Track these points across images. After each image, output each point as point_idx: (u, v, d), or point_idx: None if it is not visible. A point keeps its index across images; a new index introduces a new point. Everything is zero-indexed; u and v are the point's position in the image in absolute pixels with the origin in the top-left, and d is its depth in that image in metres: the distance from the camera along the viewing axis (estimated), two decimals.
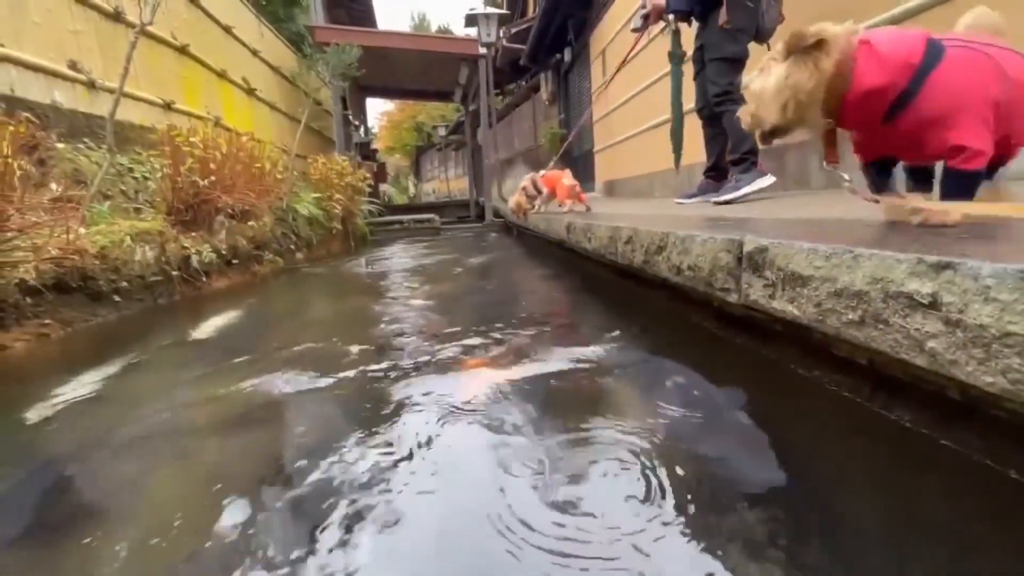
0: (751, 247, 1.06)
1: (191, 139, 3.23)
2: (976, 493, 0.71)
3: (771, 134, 1.10)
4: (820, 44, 0.95)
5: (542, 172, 4.22)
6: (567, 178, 4.00)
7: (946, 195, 0.98)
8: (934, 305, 0.65)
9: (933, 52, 0.92)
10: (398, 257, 4.81)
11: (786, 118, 1.03)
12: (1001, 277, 0.57)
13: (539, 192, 4.16)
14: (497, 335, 1.64)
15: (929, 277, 0.66)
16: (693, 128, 3.40)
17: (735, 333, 1.38)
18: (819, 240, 0.91)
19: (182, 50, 4.91)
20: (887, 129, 0.98)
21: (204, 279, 3.06)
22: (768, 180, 2.63)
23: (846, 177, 1.09)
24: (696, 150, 3.51)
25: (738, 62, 2.77)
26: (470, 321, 1.89)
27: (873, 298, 0.75)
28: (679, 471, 0.80)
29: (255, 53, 6.85)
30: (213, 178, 3.31)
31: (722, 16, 2.67)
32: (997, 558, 0.60)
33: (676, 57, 3.18)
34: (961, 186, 0.95)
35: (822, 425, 0.95)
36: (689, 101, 3.53)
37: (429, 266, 3.98)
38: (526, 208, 4.24)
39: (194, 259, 2.98)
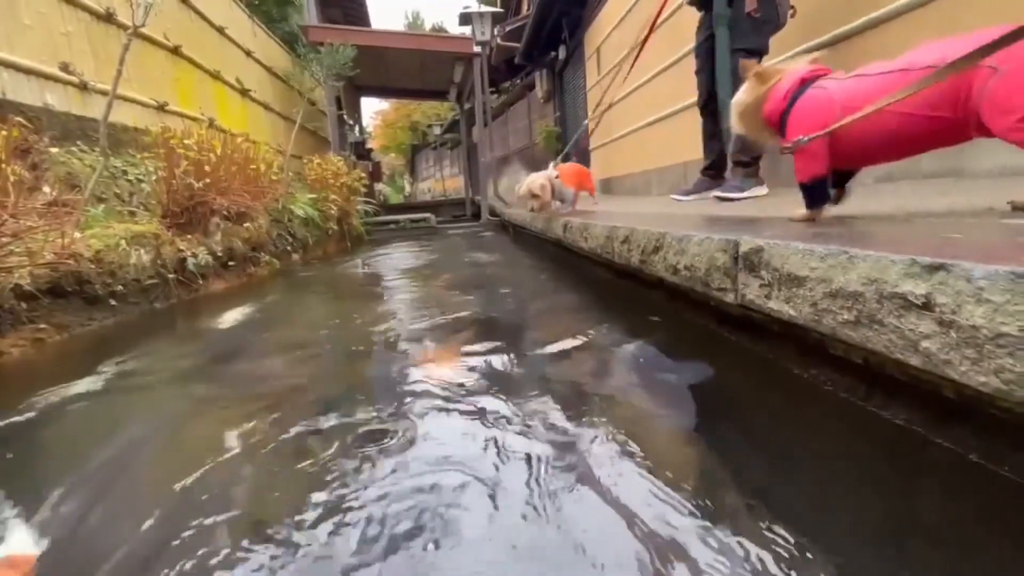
0: (747, 247, 1.07)
1: (185, 141, 3.21)
2: (972, 491, 0.71)
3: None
4: (759, 75, 1.34)
5: (555, 171, 3.31)
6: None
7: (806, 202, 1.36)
8: (928, 306, 0.66)
9: (799, 91, 1.26)
10: (394, 257, 4.81)
11: (742, 127, 1.43)
12: (993, 278, 0.58)
13: (562, 199, 3.34)
14: (494, 342, 1.64)
15: (923, 278, 0.67)
16: (693, 124, 3.40)
17: (733, 332, 1.39)
18: (815, 240, 0.92)
19: (175, 51, 4.88)
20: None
21: (200, 282, 3.05)
22: (764, 190, 2.65)
23: None
24: (694, 146, 3.51)
25: (760, 56, 2.64)
26: (467, 322, 1.90)
27: (868, 299, 0.75)
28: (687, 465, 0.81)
29: (248, 53, 6.81)
30: (208, 180, 3.30)
31: (750, 3, 2.52)
32: (992, 557, 0.60)
33: (724, 19, 2.72)
34: (806, 194, 1.34)
35: (819, 423, 0.96)
36: (690, 95, 3.53)
37: (425, 266, 3.98)
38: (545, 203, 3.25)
39: (190, 262, 2.96)
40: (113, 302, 2.36)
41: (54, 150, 3.08)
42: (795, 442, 0.90)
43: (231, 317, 2.36)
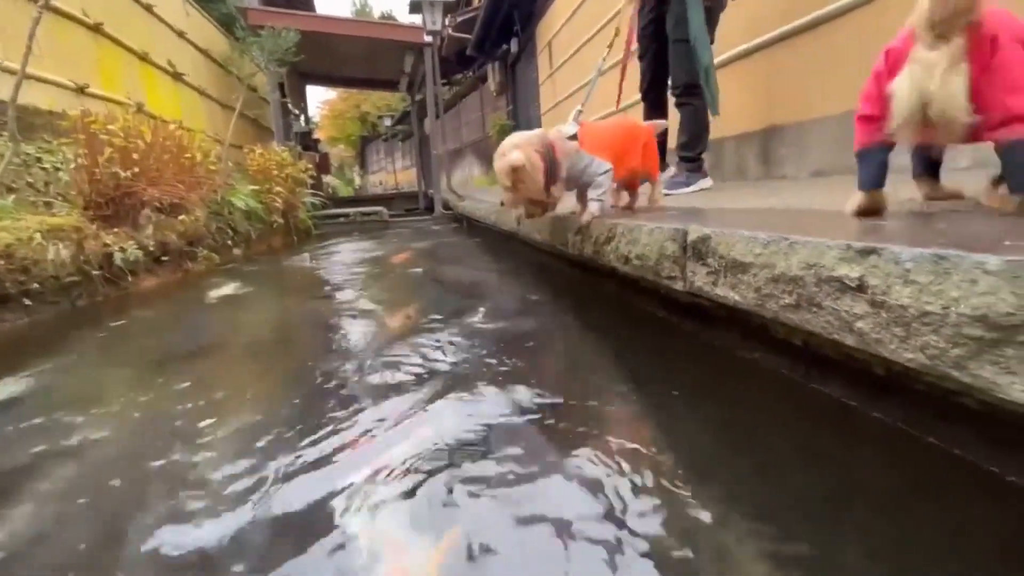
0: (695, 236, 1.10)
1: (109, 126, 2.97)
2: (901, 458, 0.77)
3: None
4: None
5: (572, 126, 1.66)
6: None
7: None
8: (861, 288, 0.70)
9: None
10: (344, 252, 4.66)
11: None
12: (919, 260, 0.62)
13: (580, 180, 1.69)
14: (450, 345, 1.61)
15: (856, 262, 0.70)
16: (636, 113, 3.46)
17: (682, 319, 1.43)
18: (758, 228, 0.95)
19: (96, 28, 4.49)
20: None
21: (130, 278, 2.84)
22: (709, 182, 2.71)
23: None
24: None
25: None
26: (420, 321, 1.86)
27: (808, 283, 0.79)
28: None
29: (181, 34, 6.37)
30: (136, 169, 3.06)
31: None
32: (919, 516, 0.65)
33: None
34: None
35: (763, 401, 1.01)
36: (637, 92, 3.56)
37: (377, 260, 3.88)
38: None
39: (117, 257, 2.75)
40: (27, 301, 2.15)
41: None
42: (741, 418, 0.94)
43: (159, 315, 2.22)
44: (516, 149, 1.49)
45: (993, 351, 0.54)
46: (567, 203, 1.86)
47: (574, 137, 1.61)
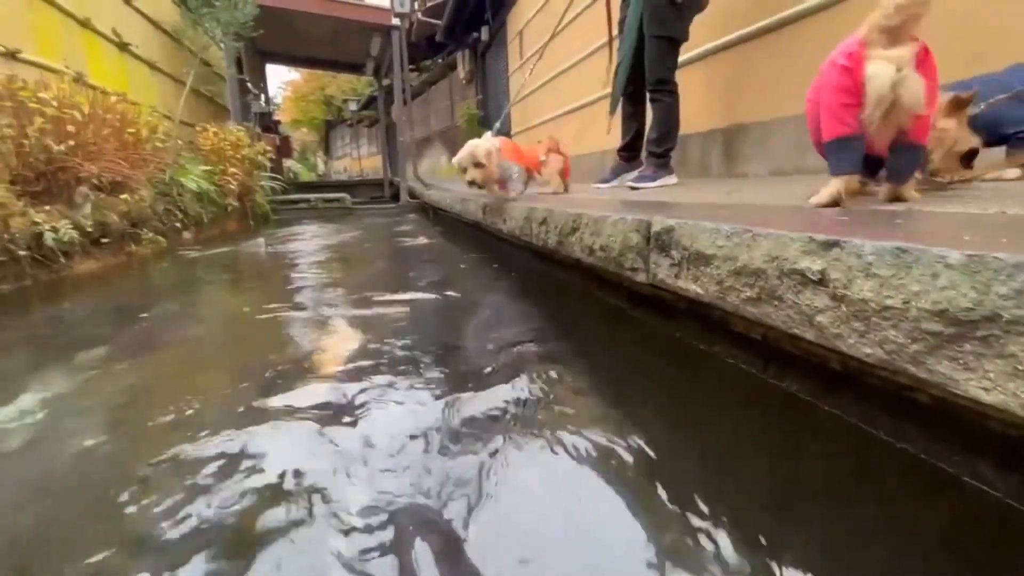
0: (659, 227, 1.08)
1: (40, 94, 2.73)
2: (851, 453, 0.77)
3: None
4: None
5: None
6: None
7: None
8: (823, 281, 0.69)
9: None
10: (303, 238, 4.49)
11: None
12: (881, 254, 0.61)
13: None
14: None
15: (819, 255, 0.69)
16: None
17: (644, 311, 1.42)
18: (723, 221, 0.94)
19: None
20: None
21: (63, 260, 2.63)
22: (674, 179, 2.72)
23: None
24: (610, 135, 3.57)
25: (679, 43, 2.55)
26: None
27: (770, 275, 0.78)
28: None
29: (128, 1, 5.95)
30: (72, 142, 2.84)
31: None
32: (864, 512, 0.65)
33: None
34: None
35: (719, 394, 1.00)
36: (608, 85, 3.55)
37: (337, 246, 3.75)
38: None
39: (48, 237, 2.54)
40: None
41: None
42: (697, 411, 0.93)
43: (97, 301, 2.06)
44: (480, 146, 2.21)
45: (951, 347, 0.53)
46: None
47: None
